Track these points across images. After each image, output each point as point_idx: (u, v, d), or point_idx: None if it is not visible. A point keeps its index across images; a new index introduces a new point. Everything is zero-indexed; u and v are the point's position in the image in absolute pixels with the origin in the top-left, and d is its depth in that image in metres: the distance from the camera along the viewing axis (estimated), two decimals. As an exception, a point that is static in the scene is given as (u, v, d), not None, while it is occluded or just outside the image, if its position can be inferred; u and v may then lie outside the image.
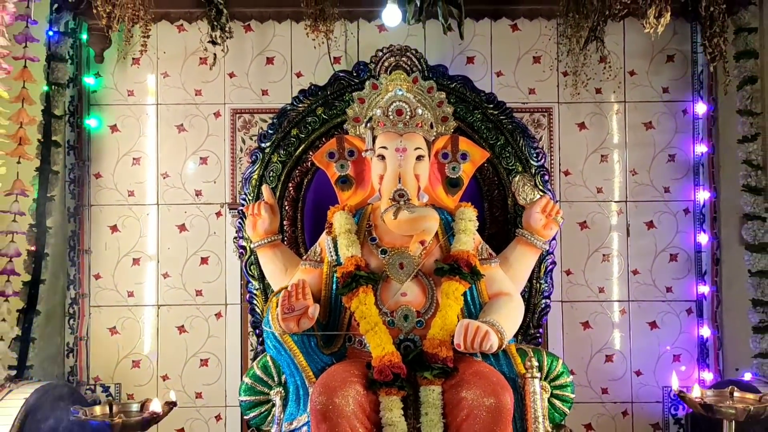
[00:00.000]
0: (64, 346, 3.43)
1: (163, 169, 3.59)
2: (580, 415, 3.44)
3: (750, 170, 3.27)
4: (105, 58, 3.46)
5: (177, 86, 3.59)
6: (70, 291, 3.46)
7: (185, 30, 3.52)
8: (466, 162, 2.90)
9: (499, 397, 2.36)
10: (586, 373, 3.55)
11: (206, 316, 3.57)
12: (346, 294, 2.60)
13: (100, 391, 3.48)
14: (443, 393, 2.46)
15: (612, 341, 3.57)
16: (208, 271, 3.58)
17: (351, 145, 2.89)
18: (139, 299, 3.57)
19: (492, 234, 3.04)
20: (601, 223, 3.61)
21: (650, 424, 3.55)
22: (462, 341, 2.43)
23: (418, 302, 2.65)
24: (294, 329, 2.50)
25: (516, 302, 2.75)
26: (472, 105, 3.09)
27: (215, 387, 3.52)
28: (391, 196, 2.66)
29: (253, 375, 2.64)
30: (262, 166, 3.06)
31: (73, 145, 3.43)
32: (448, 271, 2.63)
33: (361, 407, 2.37)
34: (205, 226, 3.59)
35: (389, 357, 2.47)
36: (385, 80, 2.94)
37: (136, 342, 3.55)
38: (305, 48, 3.51)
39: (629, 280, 3.60)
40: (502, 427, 2.34)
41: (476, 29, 3.53)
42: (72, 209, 3.45)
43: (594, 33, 3.09)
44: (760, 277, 3.22)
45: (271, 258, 2.88)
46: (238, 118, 3.60)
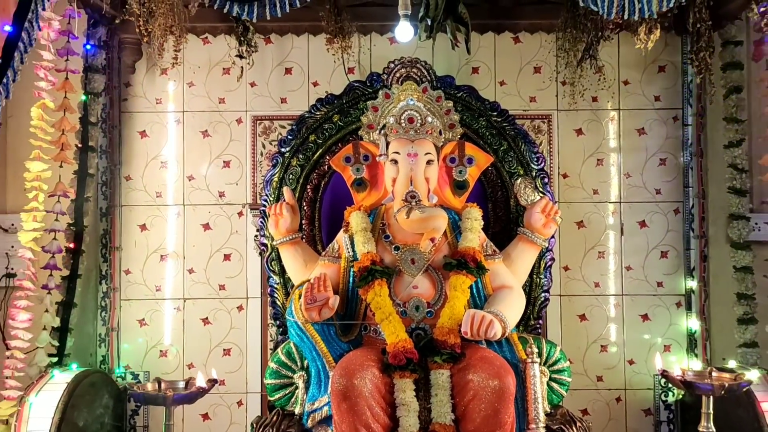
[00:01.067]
0: (97, 336, 3.58)
1: (189, 171, 3.72)
2: (577, 401, 3.55)
3: (735, 173, 3.40)
4: (136, 69, 3.62)
5: (202, 95, 3.72)
6: (102, 285, 3.60)
7: (209, 42, 3.65)
8: (471, 166, 3.03)
9: (503, 380, 2.51)
10: (582, 362, 3.67)
11: (229, 309, 3.70)
12: (362, 287, 2.74)
13: (130, 378, 3.61)
14: (451, 376, 2.59)
15: (607, 332, 3.70)
16: (231, 267, 3.70)
17: (366, 150, 3.03)
18: (166, 293, 3.69)
19: (496, 232, 3.15)
20: (597, 222, 3.73)
21: (642, 409, 3.67)
22: (469, 329, 2.58)
23: (429, 294, 2.79)
24: (316, 318, 2.65)
25: (517, 294, 2.89)
26: (477, 113, 3.22)
27: (237, 375, 3.65)
28: (403, 197, 2.80)
29: (278, 360, 2.79)
30: (282, 169, 3.19)
31: (105, 149, 3.58)
32: (455, 265, 2.78)
33: (377, 388, 2.52)
34: (227, 225, 3.72)
35: (402, 343, 2.61)
36: (397, 90, 3.07)
37: (164, 333, 3.68)
38: (322, 59, 3.64)
39: (623, 276, 3.71)
40: (504, 407, 2.50)
41: (481, 42, 3.67)
42: (104, 209, 3.60)
43: (588, 51, 3.28)
44: (744, 273, 3.35)
45: (292, 254, 3.02)
46: (259, 125, 3.72)
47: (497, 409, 2.49)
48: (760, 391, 2.91)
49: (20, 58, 1.89)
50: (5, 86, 1.88)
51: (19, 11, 1.85)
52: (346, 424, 2.48)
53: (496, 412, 2.49)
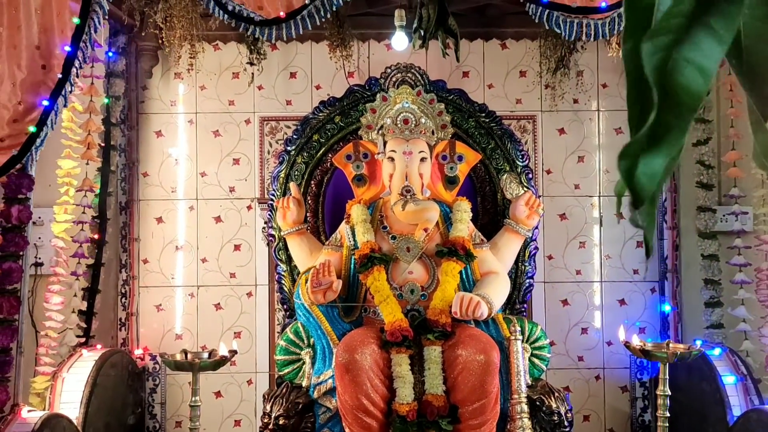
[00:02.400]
0: (117, 320, 3.81)
1: (201, 168, 3.92)
2: (559, 379, 3.76)
3: (702, 169, 3.64)
4: (152, 73, 3.82)
5: (213, 97, 3.92)
6: (122, 273, 3.82)
7: (220, 49, 3.84)
8: (461, 163, 3.23)
9: (488, 355, 2.75)
10: (564, 343, 3.91)
11: (239, 296, 3.91)
12: (362, 272, 2.97)
13: (148, 359, 3.82)
14: (443, 352, 2.82)
15: (587, 316, 3.92)
16: (241, 257, 3.91)
17: (365, 148, 3.23)
18: (181, 281, 3.90)
19: (484, 223, 3.34)
20: (578, 215, 3.95)
21: (619, 386, 3.90)
22: (458, 310, 2.82)
23: (422, 279, 3.02)
24: (321, 301, 2.89)
25: (503, 279, 3.11)
26: (467, 114, 3.40)
27: (247, 356, 3.86)
28: (399, 191, 3.01)
29: (287, 339, 3.01)
30: (288, 166, 3.38)
31: (124, 148, 3.79)
32: (447, 253, 3.00)
33: (376, 363, 2.76)
34: (237, 217, 3.92)
35: (399, 323, 2.84)
36: (394, 93, 3.27)
37: (179, 317, 3.90)
38: (324, 64, 3.84)
39: (602, 264, 3.94)
40: (490, 379, 2.74)
41: (470, 48, 3.88)
42: (123, 203, 3.80)
43: (561, 62, 3.53)
44: (710, 260, 3.60)
45: (298, 244, 3.22)
46: (266, 125, 3.92)
47: (483, 381, 2.73)
48: (722, 366, 3.18)
49: (76, 73, 2.14)
50: (64, 96, 2.13)
51: (76, 34, 2.10)
52: (349, 395, 2.72)
53: (482, 383, 2.73)
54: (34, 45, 2.10)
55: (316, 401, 2.91)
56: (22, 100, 2.11)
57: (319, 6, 2.26)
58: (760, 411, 2.84)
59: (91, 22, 2.10)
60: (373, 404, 2.74)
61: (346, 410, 2.75)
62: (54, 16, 2.10)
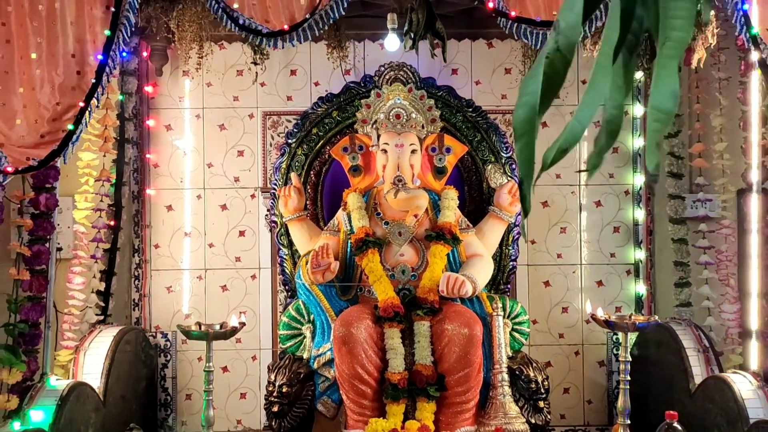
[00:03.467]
0: (131, 300, 4.04)
1: (208, 160, 4.11)
2: (541, 355, 3.98)
3: (673, 160, 3.85)
4: (163, 71, 4.00)
5: (218, 93, 4.11)
6: (135, 257, 4.03)
7: (225, 48, 4.01)
8: (449, 154, 3.46)
9: (472, 329, 3.02)
10: (546, 321, 4.13)
11: (244, 278, 4.11)
12: (358, 255, 3.22)
13: (160, 336, 4.04)
14: (431, 326, 3.08)
15: (567, 296, 4.13)
16: (245, 242, 4.11)
17: (360, 141, 3.46)
18: (191, 264, 4.10)
19: (470, 210, 3.56)
20: (560, 202, 4.15)
21: (597, 361, 4.13)
22: (445, 288, 3.07)
23: (413, 261, 3.27)
24: (320, 281, 3.15)
25: (487, 261, 3.35)
26: (455, 109, 3.62)
27: (251, 334, 4.05)
28: (392, 181, 3.25)
29: (290, 315, 3.26)
30: (289, 157, 3.59)
31: (136, 141, 4.00)
32: (435, 237, 3.25)
33: (370, 336, 3.02)
34: (242, 205, 4.11)
35: (391, 300, 3.10)
36: (387, 90, 3.50)
37: (188, 298, 4.10)
38: (322, 62, 4.00)
39: (581, 248, 4.15)
40: (473, 351, 3.00)
41: (459, 47, 4.08)
42: (135, 192, 4.01)
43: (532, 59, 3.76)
44: (680, 244, 3.83)
45: (299, 229, 3.45)
46: (268, 119, 4.10)
47: (467, 352, 3.00)
48: (686, 340, 3.44)
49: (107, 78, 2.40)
50: (96, 98, 2.39)
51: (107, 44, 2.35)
52: (346, 365, 2.99)
53: (466, 354, 3.00)
54: (70, 53, 2.35)
55: (316, 371, 3.15)
56: (60, 102, 2.36)
57: (318, 19, 2.50)
58: (717, 378, 3.11)
59: (120, 33, 2.35)
60: (367, 373, 3.00)
61: (343, 379, 3.01)
62: (86, 29, 2.35)
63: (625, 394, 2.54)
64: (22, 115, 2.31)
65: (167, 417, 4.04)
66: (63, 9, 2.34)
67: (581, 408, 4.16)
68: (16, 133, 2.31)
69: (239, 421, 4.10)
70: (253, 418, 4.10)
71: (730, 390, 2.92)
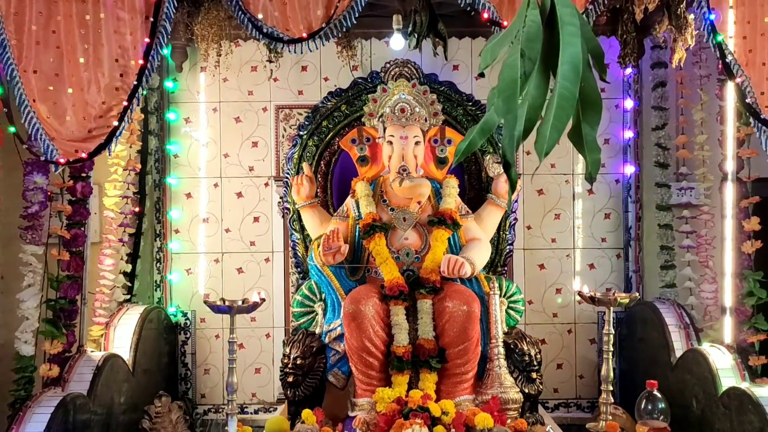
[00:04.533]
0: (153, 282, 4.27)
1: (225, 150, 4.33)
2: (536, 333, 4.13)
3: (660, 151, 4.06)
4: (183, 68, 4.23)
5: (234, 88, 4.33)
6: (157, 242, 4.26)
7: (240, 45, 4.19)
8: (451, 146, 3.65)
9: (471, 306, 3.23)
10: (541, 302, 4.36)
11: (258, 261, 4.34)
12: (366, 238, 3.43)
13: (180, 315, 4.28)
14: (433, 304, 3.29)
15: (561, 278, 4.35)
16: (259, 227, 4.33)
17: (368, 133, 3.65)
18: (208, 248, 4.34)
19: (470, 198, 3.75)
20: (554, 190, 4.36)
21: (588, 339, 4.35)
22: (446, 269, 3.28)
23: (416, 244, 3.47)
24: (331, 262, 3.37)
25: (485, 245, 3.56)
26: (456, 103, 3.81)
27: (265, 313, 4.28)
28: (397, 170, 3.46)
29: (303, 294, 3.47)
30: (301, 148, 3.78)
31: (158, 133, 4.22)
32: (437, 222, 3.46)
33: (377, 313, 3.24)
34: (256, 193, 4.33)
35: (396, 280, 3.31)
36: (392, 85, 3.67)
37: (206, 280, 4.34)
38: (332, 59, 4.21)
39: (574, 233, 4.36)
40: (472, 326, 3.22)
41: (459, 44, 4.26)
42: (157, 181, 4.23)
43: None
44: (666, 229, 4.04)
45: (310, 215, 3.65)
46: (281, 112, 4.32)
47: (466, 327, 3.22)
48: (669, 317, 3.68)
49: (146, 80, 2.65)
50: (137, 98, 2.65)
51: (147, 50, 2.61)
52: (355, 339, 3.22)
53: (465, 329, 3.23)
54: (114, 58, 2.61)
55: (327, 345, 3.38)
56: (105, 101, 2.62)
57: (334, 27, 2.74)
58: (695, 350, 3.36)
59: (158, 39, 2.60)
60: (374, 347, 3.24)
61: (352, 351, 3.25)
62: (128, 36, 2.59)
63: (608, 363, 2.79)
64: (72, 112, 2.58)
65: (187, 390, 4.30)
66: (107, 19, 2.59)
67: (573, 382, 4.40)
68: (67, 128, 2.58)
69: (254, 394, 4.36)
70: (267, 392, 4.36)
71: (705, 361, 3.18)
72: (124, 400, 3.33)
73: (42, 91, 2.58)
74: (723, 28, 2.58)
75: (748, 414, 2.81)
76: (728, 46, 2.57)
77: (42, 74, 2.58)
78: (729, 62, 2.56)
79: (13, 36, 2.55)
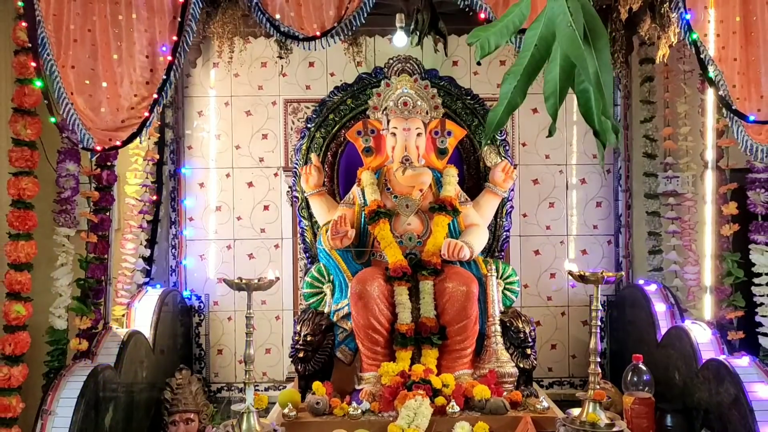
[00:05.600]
0: (169, 267, 4.49)
1: (236, 142, 4.52)
2: (531, 315, 4.13)
3: (647, 142, 4.24)
4: (196, 64, 4.41)
5: (245, 83, 4.51)
6: (173, 229, 4.47)
7: (250, 42, 4.35)
8: (450, 137, 3.84)
9: (469, 286, 3.43)
10: (536, 285, 4.56)
11: (268, 247, 4.54)
12: (371, 224, 3.61)
13: (194, 298, 4.48)
14: (434, 285, 3.49)
15: (555, 264, 4.53)
16: (269, 215, 4.52)
17: (372, 125, 3.82)
18: (221, 235, 4.53)
19: (469, 186, 3.93)
20: (548, 180, 4.55)
21: (581, 321, 4.55)
22: (446, 252, 3.48)
23: (418, 229, 3.65)
24: (338, 246, 3.56)
25: (482, 230, 3.74)
26: (456, 97, 3.98)
27: (275, 297, 4.47)
28: (400, 160, 3.64)
29: (312, 276, 3.66)
30: (308, 140, 3.96)
31: (173, 125, 4.41)
32: (437, 209, 3.64)
33: (382, 293, 3.44)
34: (266, 183, 4.52)
35: (400, 262, 3.51)
36: (395, 80, 3.85)
37: (219, 265, 4.53)
38: (338, 55, 4.38)
39: (567, 221, 4.55)
40: (470, 305, 3.42)
41: (459, 42, 4.37)
42: (172, 171, 4.43)
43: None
44: (653, 216, 4.23)
45: (319, 202, 3.84)
46: (289, 106, 4.51)
47: (465, 306, 3.43)
48: (656, 298, 3.88)
49: (175, 75, 2.87)
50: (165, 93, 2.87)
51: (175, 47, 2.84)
52: (361, 317, 3.42)
53: (464, 308, 3.43)
54: (144, 55, 2.82)
55: (335, 324, 3.59)
56: (136, 94, 2.83)
57: (344, 26, 2.96)
58: (678, 327, 3.57)
59: (185, 37, 2.83)
60: (380, 324, 3.44)
61: (358, 329, 3.46)
62: (157, 35, 2.82)
63: (595, 336, 3.00)
64: (106, 104, 2.80)
65: (201, 369, 4.52)
66: (139, 19, 2.81)
67: (567, 362, 4.61)
68: (101, 119, 2.80)
69: (264, 372, 4.57)
70: (276, 371, 4.57)
71: (687, 337, 3.40)
72: (146, 374, 3.55)
73: (79, 84, 2.80)
74: (701, 27, 2.80)
75: (725, 383, 3.03)
76: (703, 43, 2.79)
77: (79, 69, 2.80)
78: (703, 58, 2.78)
79: (53, 35, 2.78)
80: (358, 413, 3.20)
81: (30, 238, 2.95)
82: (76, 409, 2.78)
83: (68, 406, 2.80)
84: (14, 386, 2.86)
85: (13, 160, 2.93)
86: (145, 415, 3.50)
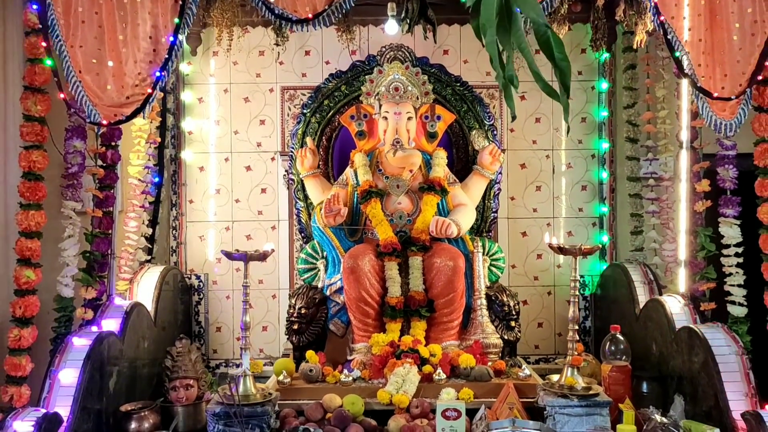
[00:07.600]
0: (170, 247, 4.63)
1: (234, 128, 4.65)
2: (518, 295, 4.22)
3: (630, 127, 4.38)
4: (197, 52, 4.55)
5: (243, 71, 4.64)
6: (173, 211, 4.61)
7: (248, 32, 4.44)
8: (440, 122, 3.98)
9: (456, 262, 3.60)
10: (523, 266, 4.70)
11: (265, 228, 4.66)
12: (363, 203, 3.77)
13: (194, 278, 4.62)
14: (423, 260, 3.65)
15: (541, 245, 4.62)
16: (266, 198, 4.66)
17: (365, 110, 3.97)
18: (220, 217, 4.67)
19: (458, 169, 4.07)
20: (535, 164, 4.69)
21: (566, 300, 4.48)
22: (434, 229, 3.64)
23: (408, 208, 3.81)
24: (332, 223, 3.72)
25: (470, 209, 3.90)
26: (446, 83, 4.13)
27: (272, 276, 4.63)
28: (391, 143, 3.79)
29: (306, 252, 3.84)
30: (304, 124, 4.11)
31: (174, 111, 4.55)
32: (427, 189, 3.81)
33: (373, 268, 3.61)
34: (263, 167, 4.66)
35: (390, 239, 3.67)
36: (387, 67, 3.99)
37: (218, 246, 4.65)
38: (332, 43, 4.48)
39: (553, 203, 4.69)
40: (457, 279, 3.59)
41: (449, 31, 4.57)
42: (173, 155, 4.57)
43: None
44: (635, 198, 4.37)
45: (313, 184, 3.99)
46: (286, 93, 4.63)
47: (452, 280, 3.59)
48: (636, 275, 4.03)
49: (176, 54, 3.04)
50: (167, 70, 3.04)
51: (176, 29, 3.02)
52: (353, 290, 3.58)
53: (451, 282, 3.60)
54: (148, 36, 2.99)
55: (328, 298, 3.75)
56: (140, 72, 3.01)
57: (335, 9, 3.13)
58: (654, 300, 3.73)
59: (186, 19, 3.00)
60: (371, 297, 3.61)
61: (350, 302, 3.62)
62: (159, 17, 3.00)
63: (574, 305, 3.17)
64: (112, 82, 2.97)
65: (201, 346, 4.66)
66: (143, 2, 3.01)
67: (552, 340, 4.76)
68: (107, 95, 2.97)
69: (261, 349, 4.73)
70: (273, 348, 4.70)
71: (663, 308, 3.56)
72: (147, 345, 3.70)
73: (87, 63, 2.97)
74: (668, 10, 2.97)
75: (696, 349, 3.20)
76: (671, 24, 2.96)
77: (86, 49, 2.97)
78: (670, 38, 2.96)
79: (62, 17, 2.95)
80: (349, 380, 3.36)
81: (40, 208, 3.12)
82: (83, 370, 2.95)
83: (75, 367, 2.96)
84: (24, 347, 3.02)
85: (24, 135, 3.10)
86: (147, 385, 3.66)
